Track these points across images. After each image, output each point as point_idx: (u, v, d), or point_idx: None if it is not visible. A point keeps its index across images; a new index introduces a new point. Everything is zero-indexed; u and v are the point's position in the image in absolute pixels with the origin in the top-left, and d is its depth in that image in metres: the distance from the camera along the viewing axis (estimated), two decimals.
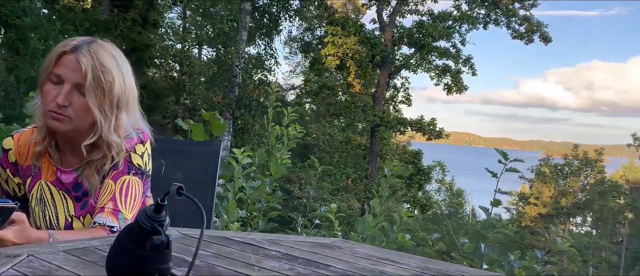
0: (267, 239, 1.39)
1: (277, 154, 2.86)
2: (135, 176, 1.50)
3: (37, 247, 1.13)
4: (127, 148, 1.48)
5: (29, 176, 1.51)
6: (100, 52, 1.41)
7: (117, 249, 0.85)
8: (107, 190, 1.45)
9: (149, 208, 0.83)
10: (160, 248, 0.81)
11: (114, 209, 1.43)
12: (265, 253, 1.23)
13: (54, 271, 0.97)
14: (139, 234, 0.82)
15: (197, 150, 2.19)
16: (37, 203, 1.50)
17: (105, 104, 1.39)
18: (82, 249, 1.14)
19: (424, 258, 1.34)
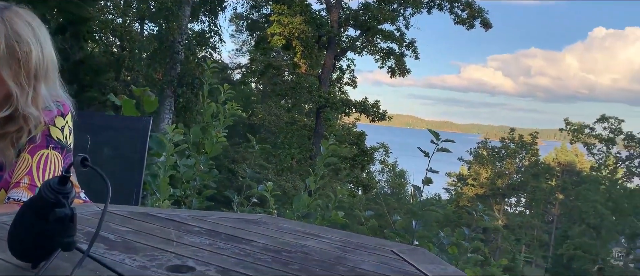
0: (192, 215, 1.36)
1: (212, 132, 2.82)
2: (55, 150, 1.43)
3: None
4: (46, 120, 1.40)
5: None
6: (14, 20, 1.32)
7: (19, 222, 0.81)
8: (23, 164, 1.38)
9: (53, 180, 0.80)
10: (64, 220, 0.77)
11: (30, 184, 1.36)
12: (187, 229, 1.21)
13: None
14: (42, 206, 0.79)
15: (126, 125, 2.12)
16: None
17: (22, 75, 1.31)
18: None
19: (347, 233, 1.35)
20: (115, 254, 0.96)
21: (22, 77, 1.32)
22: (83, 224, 1.12)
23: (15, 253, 0.83)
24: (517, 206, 39.96)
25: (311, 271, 0.96)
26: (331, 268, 1.00)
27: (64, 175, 0.79)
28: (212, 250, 1.05)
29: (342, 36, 18.23)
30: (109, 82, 14.12)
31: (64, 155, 1.46)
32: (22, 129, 1.37)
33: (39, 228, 0.80)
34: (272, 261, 1.00)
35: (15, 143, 1.39)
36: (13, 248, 0.83)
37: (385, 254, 1.14)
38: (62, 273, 0.82)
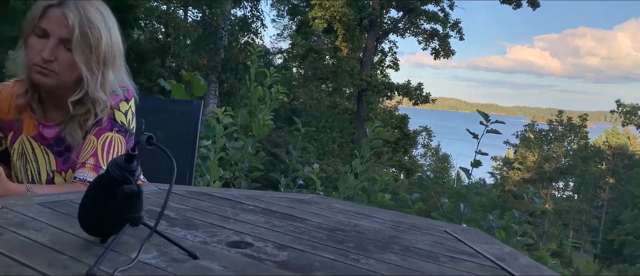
0: (246, 195, 1.39)
1: (259, 115, 2.85)
2: (118, 133, 1.49)
3: (12, 200, 1.13)
4: (112, 104, 1.47)
5: (10, 130, 1.49)
6: (87, 8, 1.38)
7: (88, 199, 0.85)
8: (89, 146, 1.44)
9: (119, 158, 0.83)
10: (131, 197, 0.81)
11: (95, 165, 1.42)
12: (242, 208, 1.24)
13: (27, 222, 0.97)
14: (110, 184, 0.82)
15: (178, 109, 2.17)
16: (18, 157, 1.48)
17: (92, 60, 1.38)
18: (56, 202, 1.14)
19: (399, 213, 1.35)
20: (177, 230, 0.99)
21: (93, 62, 1.38)
22: (144, 202, 1.16)
23: (86, 229, 0.87)
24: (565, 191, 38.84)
25: (367, 249, 0.97)
26: (386, 246, 1.00)
27: (130, 153, 0.82)
28: (268, 228, 1.07)
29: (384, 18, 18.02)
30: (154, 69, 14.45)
31: (127, 138, 1.52)
32: (89, 112, 1.44)
33: (108, 205, 0.83)
34: (327, 239, 1.02)
35: (82, 125, 1.46)
36: (83, 224, 0.87)
37: (439, 234, 1.14)
38: (129, 248, 0.85)
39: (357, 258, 0.92)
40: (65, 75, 1.38)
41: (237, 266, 0.82)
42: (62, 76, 1.38)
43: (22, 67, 1.42)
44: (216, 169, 2.51)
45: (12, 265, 0.75)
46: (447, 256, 0.97)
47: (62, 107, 1.46)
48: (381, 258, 0.93)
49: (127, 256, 0.82)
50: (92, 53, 1.39)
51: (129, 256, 0.82)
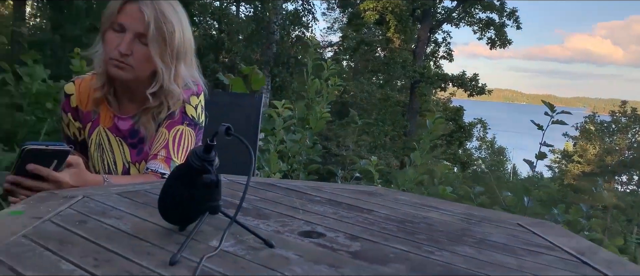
0: (311, 186, 1.40)
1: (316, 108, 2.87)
2: (189, 126, 1.53)
3: (91, 190, 1.18)
4: (184, 98, 1.51)
5: (88, 121, 1.56)
6: (161, 3, 1.43)
7: (169, 188, 0.88)
8: (161, 138, 1.49)
9: (198, 148, 0.85)
10: (210, 186, 0.83)
11: (166, 156, 1.47)
12: (309, 198, 1.25)
13: (108, 211, 1.01)
14: (190, 173, 0.85)
15: (239, 102, 2.20)
16: (96, 148, 1.55)
17: (167, 54, 1.43)
18: (133, 192, 1.19)
19: (468, 205, 1.33)
20: (250, 219, 1.01)
21: (167, 56, 1.43)
22: None
23: (165, 217, 0.91)
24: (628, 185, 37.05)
25: (439, 241, 0.96)
26: (459, 239, 0.99)
27: (209, 144, 0.84)
28: (337, 218, 1.07)
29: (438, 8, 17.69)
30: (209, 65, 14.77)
31: (196, 132, 1.56)
32: (162, 105, 1.49)
33: (187, 194, 0.86)
34: (397, 230, 1.01)
35: (155, 117, 1.51)
36: (163, 212, 0.90)
37: (512, 227, 1.11)
38: (206, 236, 0.88)
39: (431, 249, 0.91)
40: (140, 68, 1.44)
41: (312, 256, 0.83)
42: (138, 70, 1.43)
43: (100, 61, 1.48)
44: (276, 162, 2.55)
45: (100, 250, 0.79)
46: (524, 249, 0.94)
47: (136, 100, 1.51)
48: (455, 250, 0.91)
49: (205, 244, 0.84)
50: (167, 47, 1.43)
51: (207, 244, 0.84)
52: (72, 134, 1.59)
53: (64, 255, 0.75)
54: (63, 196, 1.10)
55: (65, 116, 1.58)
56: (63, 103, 1.57)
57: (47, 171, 1.15)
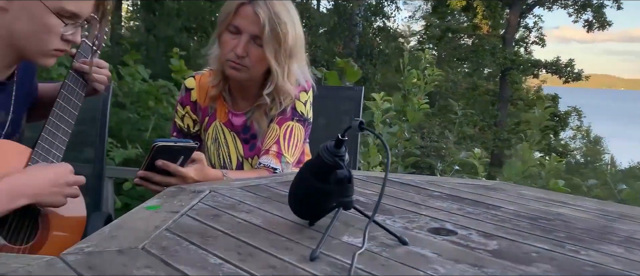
0: (426, 180, 1.38)
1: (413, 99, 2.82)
2: (298, 122, 1.56)
3: (215, 184, 1.23)
4: (294, 94, 1.54)
5: (206, 116, 1.63)
6: (275, 4, 1.46)
7: (300, 184, 0.89)
8: (273, 134, 1.53)
9: (329, 144, 0.85)
10: (343, 182, 0.83)
11: (277, 152, 1.51)
12: (428, 194, 1.22)
13: (237, 205, 1.04)
14: (322, 169, 0.85)
15: (339, 95, 2.21)
16: (212, 142, 1.62)
17: (281, 54, 1.46)
18: (255, 186, 1.22)
19: (599, 201, 1.25)
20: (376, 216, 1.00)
21: (281, 56, 1.47)
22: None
23: (296, 212, 0.92)
24: None
25: (582, 240, 0.90)
26: (602, 237, 0.92)
27: (340, 139, 0.84)
28: (464, 215, 1.04)
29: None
30: None
31: (305, 127, 1.59)
32: (275, 102, 1.53)
33: (319, 189, 0.86)
34: (532, 228, 0.96)
35: (267, 113, 1.56)
36: (294, 207, 0.92)
37: None
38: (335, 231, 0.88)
39: (575, 249, 0.85)
40: (255, 69, 1.49)
41: (449, 254, 0.80)
42: (253, 70, 1.48)
43: (215, 61, 1.55)
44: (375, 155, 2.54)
45: (240, 244, 0.81)
46: None
47: (250, 97, 1.57)
48: (601, 249, 0.85)
49: (338, 240, 0.85)
50: (281, 47, 1.46)
51: (340, 240, 0.85)
52: (186, 126, 1.66)
53: (208, 248, 0.78)
54: (191, 190, 1.15)
55: (182, 109, 1.65)
56: (182, 96, 1.64)
57: (175, 167, 1.21)
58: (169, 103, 4.25)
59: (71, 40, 1.20)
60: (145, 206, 1.00)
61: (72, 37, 1.20)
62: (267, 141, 1.53)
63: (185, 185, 1.21)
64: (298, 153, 1.58)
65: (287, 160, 1.52)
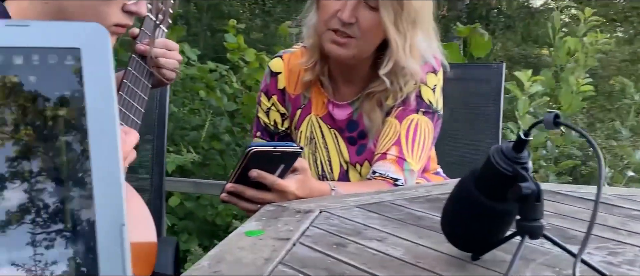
0: (616, 194, 1.32)
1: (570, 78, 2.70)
2: (425, 115, 1.54)
3: (325, 201, 1.24)
4: (420, 77, 1.51)
5: (298, 108, 1.64)
6: None
7: (462, 202, 0.87)
8: (391, 131, 1.51)
9: (505, 147, 0.83)
10: (528, 199, 0.80)
11: (398, 156, 1.48)
12: (624, 213, 1.17)
13: (362, 230, 1.04)
14: (495, 181, 0.83)
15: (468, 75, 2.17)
16: (307, 142, 1.62)
17: (402, 19, 1.43)
18: (376, 204, 1.22)
19: None
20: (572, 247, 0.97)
21: (403, 23, 1.43)
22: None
23: (454, 240, 0.90)
24: None
25: None
26: None
27: (521, 139, 0.81)
28: None
29: None
30: None
31: (435, 122, 1.55)
32: (393, 87, 1.50)
33: (491, 209, 0.84)
34: None
35: (382, 103, 1.53)
36: (450, 234, 0.90)
37: None
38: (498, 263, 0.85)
39: None
40: (366, 41, 1.46)
41: None
42: (362, 43, 1.45)
43: (312, 33, 1.54)
44: None
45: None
46: None
47: (356, 82, 1.55)
48: None
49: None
50: (402, 10, 1.43)
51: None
52: (273, 123, 1.67)
53: None
54: (296, 210, 1.16)
55: (267, 100, 1.66)
56: (267, 83, 1.66)
57: (272, 179, 1.23)
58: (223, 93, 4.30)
59: (134, 12, 1.24)
60: (245, 232, 1.02)
61: (135, 7, 1.24)
62: (384, 142, 1.51)
63: (286, 202, 1.22)
64: (425, 157, 1.55)
65: (412, 167, 1.50)
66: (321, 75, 1.58)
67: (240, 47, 4.09)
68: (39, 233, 0.41)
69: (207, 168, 3.94)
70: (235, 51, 4.11)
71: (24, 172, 0.41)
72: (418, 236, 1.01)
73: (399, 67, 1.47)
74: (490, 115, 2.03)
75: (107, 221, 0.42)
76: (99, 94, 0.43)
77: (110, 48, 0.44)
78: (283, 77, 1.64)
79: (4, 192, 0.40)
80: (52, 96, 0.42)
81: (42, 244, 0.40)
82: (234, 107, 4.11)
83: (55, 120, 0.41)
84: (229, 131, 4.04)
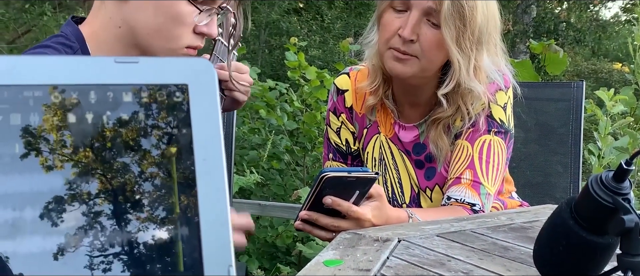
0: None
1: None
2: (497, 135, 1.51)
3: (401, 229, 1.22)
4: (488, 97, 1.49)
5: (364, 127, 1.64)
6: None
7: (557, 235, 0.85)
8: (463, 154, 1.49)
9: (605, 176, 0.80)
10: (631, 232, 0.77)
11: (473, 180, 1.46)
12: None
13: (445, 261, 1.02)
14: (595, 213, 0.80)
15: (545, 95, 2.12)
16: (375, 164, 1.62)
17: (465, 37, 1.41)
18: (457, 233, 1.20)
19: None
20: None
21: (466, 41, 1.41)
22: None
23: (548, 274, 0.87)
24: None
25: None
26: None
27: (623, 168, 0.79)
28: None
29: None
30: None
31: (507, 142, 1.53)
32: (459, 111, 1.48)
33: (589, 243, 0.81)
34: None
35: (450, 127, 1.52)
36: (544, 267, 0.87)
37: None
38: None
39: None
40: (428, 59, 1.44)
41: None
42: (424, 61, 1.44)
43: (373, 55, 1.54)
44: None
45: None
46: None
47: (421, 103, 1.54)
48: None
49: None
50: (466, 28, 1.41)
51: None
52: (344, 143, 1.67)
53: None
54: (374, 238, 1.15)
55: (336, 119, 1.67)
56: (334, 101, 1.66)
57: (348, 206, 1.22)
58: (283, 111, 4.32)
59: (206, 33, 1.26)
60: (324, 261, 1.01)
61: (207, 28, 1.25)
62: (456, 166, 1.49)
63: (362, 230, 1.21)
64: (500, 179, 1.53)
65: (488, 191, 1.47)
66: (385, 98, 1.57)
67: (301, 65, 4.11)
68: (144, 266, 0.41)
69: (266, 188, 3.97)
70: (296, 69, 4.13)
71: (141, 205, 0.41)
72: (506, 270, 0.98)
73: (463, 88, 1.45)
74: (567, 136, 1.98)
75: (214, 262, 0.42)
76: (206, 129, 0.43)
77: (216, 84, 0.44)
78: (350, 95, 1.64)
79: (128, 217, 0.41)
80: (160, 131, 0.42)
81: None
82: (294, 126, 4.12)
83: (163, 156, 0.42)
84: (289, 150, 4.06)
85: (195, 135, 0.42)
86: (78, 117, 0.40)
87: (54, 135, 0.40)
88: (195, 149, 0.42)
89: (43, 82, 0.40)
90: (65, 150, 0.40)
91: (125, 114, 0.41)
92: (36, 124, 0.39)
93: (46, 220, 0.39)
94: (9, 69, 0.39)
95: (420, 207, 1.57)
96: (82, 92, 0.40)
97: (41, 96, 0.40)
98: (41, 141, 0.39)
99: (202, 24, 1.24)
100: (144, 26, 1.22)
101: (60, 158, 0.40)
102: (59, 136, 0.40)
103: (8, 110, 0.39)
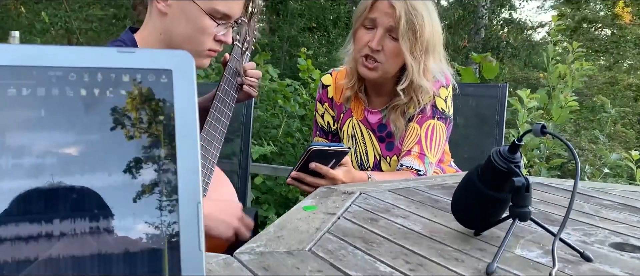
0: (591, 187, 1.25)
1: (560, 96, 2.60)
2: (439, 120, 1.50)
3: (363, 186, 1.21)
4: (433, 91, 1.49)
5: (341, 112, 1.64)
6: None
7: (468, 191, 0.84)
8: (413, 134, 1.49)
9: (502, 148, 0.79)
10: (520, 190, 0.76)
11: (420, 153, 1.46)
12: (597, 202, 1.11)
13: (391, 209, 1.02)
14: (494, 176, 0.79)
15: (479, 93, 2.10)
16: (348, 139, 1.62)
17: (416, 48, 1.41)
18: (404, 189, 1.19)
19: None
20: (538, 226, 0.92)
21: (417, 50, 1.41)
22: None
23: (461, 220, 0.87)
24: None
25: None
26: None
27: (515, 143, 0.78)
28: None
29: None
30: None
31: (447, 125, 1.52)
32: (412, 101, 1.48)
33: (490, 197, 0.80)
34: None
35: (405, 112, 1.52)
36: (459, 215, 0.87)
37: None
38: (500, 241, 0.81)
39: None
40: (389, 64, 1.45)
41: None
42: (386, 66, 1.45)
43: (350, 60, 1.54)
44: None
45: (406, 252, 0.78)
46: None
47: (384, 94, 1.54)
48: None
49: (510, 252, 0.78)
50: (417, 41, 1.41)
51: (513, 252, 0.78)
52: (327, 124, 1.67)
53: (374, 254, 0.76)
54: (342, 191, 1.14)
55: (321, 106, 1.67)
56: (320, 93, 1.66)
57: (326, 169, 1.22)
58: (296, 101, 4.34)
59: (223, 41, 1.25)
60: (303, 207, 1.01)
61: (224, 37, 1.24)
62: (408, 142, 1.49)
63: (335, 186, 1.21)
64: (440, 153, 1.52)
65: (430, 161, 1.47)
66: (358, 91, 1.57)
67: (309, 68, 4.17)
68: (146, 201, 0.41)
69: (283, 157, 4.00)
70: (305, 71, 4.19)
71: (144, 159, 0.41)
72: (433, 215, 0.98)
73: (414, 84, 1.45)
74: (496, 123, 1.96)
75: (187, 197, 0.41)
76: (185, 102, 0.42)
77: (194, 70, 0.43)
78: (332, 89, 1.64)
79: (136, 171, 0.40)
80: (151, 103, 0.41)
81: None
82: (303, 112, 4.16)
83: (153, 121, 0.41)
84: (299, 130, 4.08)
85: (177, 106, 0.42)
86: (88, 92, 0.40)
87: (69, 104, 0.39)
88: (176, 116, 0.42)
89: (63, 65, 0.39)
90: (79, 114, 0.40)
91: (123, 90, 0.40)
92: (56, 95, 0.39)
93: (67, 161, 0.39)
94: (38, 54, 0.39)
95: (382, 171, 1.56)
96: (91, 73, 0.40)
97: (61, 76, 0.39)
98: (60, 107, 0.39)
99: (220, 34, 1.24)
100: (178, 35, 1.22)
101: (75, 119, 0.40)
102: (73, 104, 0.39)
103: (36, 84, 0.38)
